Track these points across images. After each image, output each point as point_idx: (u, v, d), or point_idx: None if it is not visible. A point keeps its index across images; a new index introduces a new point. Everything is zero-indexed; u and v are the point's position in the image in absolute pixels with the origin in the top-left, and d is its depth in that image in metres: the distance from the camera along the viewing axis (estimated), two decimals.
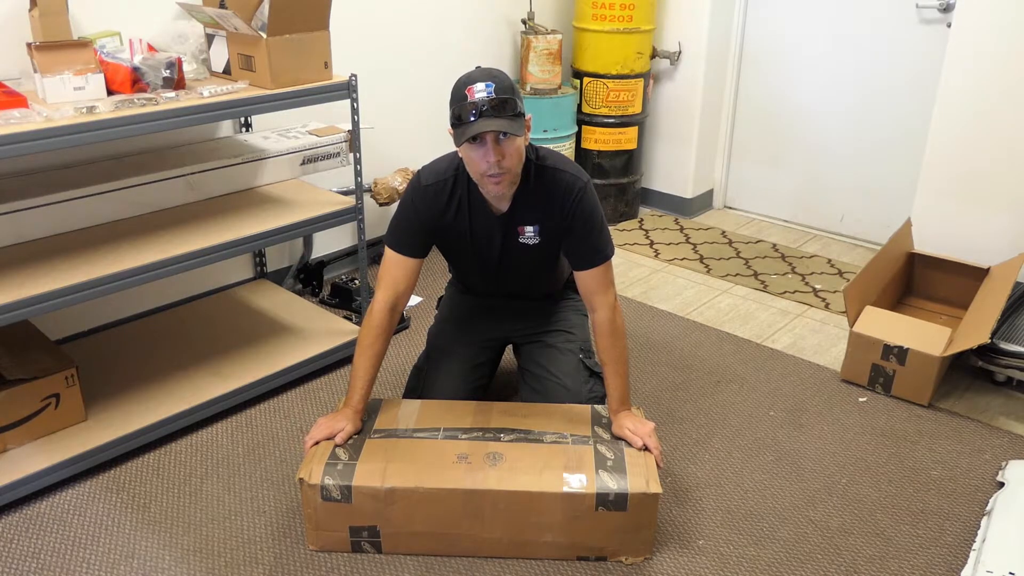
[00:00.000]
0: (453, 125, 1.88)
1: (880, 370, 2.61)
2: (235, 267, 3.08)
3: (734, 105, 4.09)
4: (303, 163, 2.79)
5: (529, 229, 2.06)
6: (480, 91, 1.82)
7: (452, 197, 2.03)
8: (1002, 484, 2.18)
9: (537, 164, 1.99)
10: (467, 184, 2.01)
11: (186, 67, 2.33)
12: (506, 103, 1.83)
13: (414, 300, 3.19)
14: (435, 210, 2.03)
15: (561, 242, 2.07)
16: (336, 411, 2.04)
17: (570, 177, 2.00)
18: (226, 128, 2.91)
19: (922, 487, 2.22)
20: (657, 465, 1.92)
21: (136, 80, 2.12)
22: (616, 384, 2.04)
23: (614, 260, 2.11)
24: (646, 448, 1.95)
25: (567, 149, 3.79)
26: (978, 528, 2.04)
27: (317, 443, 1.96)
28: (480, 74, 1.88)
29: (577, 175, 2.01)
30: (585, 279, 2.04)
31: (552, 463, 1.90)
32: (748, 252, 3.75)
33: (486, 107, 1.81)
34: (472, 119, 1.82)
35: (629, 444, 1.97)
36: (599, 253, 2.03)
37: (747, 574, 1.93)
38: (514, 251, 2.10)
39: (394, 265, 2.06)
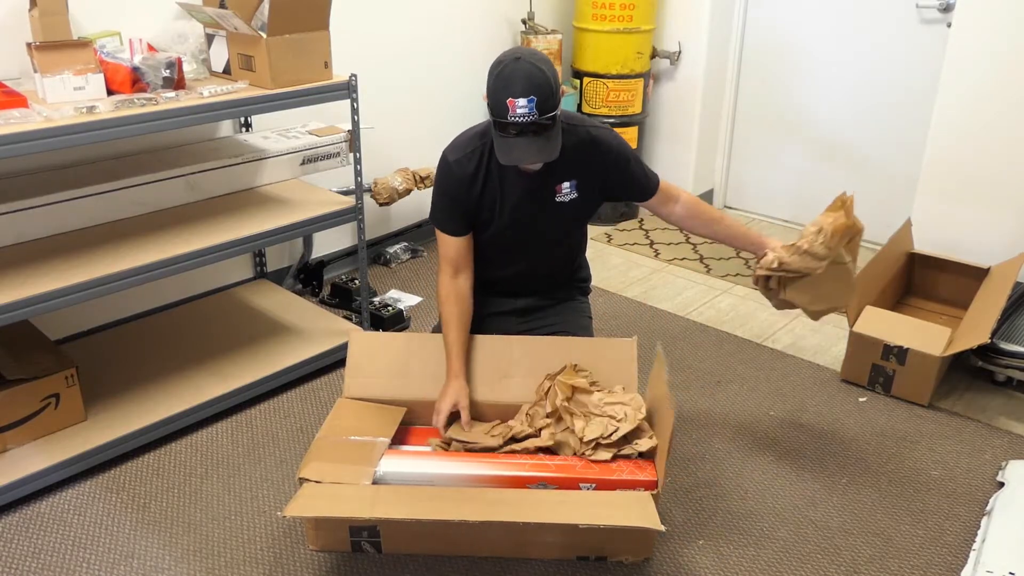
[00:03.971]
0: (492, 117, 1.91)
1: (880, 370, 2.61)
2: (235, 267, 3.08)
3: (734, 105, 4.09)
4: (303, 163, 2.79)
5: (566, 186, 2.09)
6: (521, 107, 1.83)
7: (480, 166, 2.05)
8: (1002, 484, 2.18)
9: (565, 124, 2.01)
10: (493, 151, 2.01)
11: (186, 67, 2.33)
12: (547, 124, 1.86)
13: (414, 300, 3.19)
14: (465, 183, 2.05)
15: (601, 197, 2.16)
16: (444, 387, 2.09)
17: (600, 131, 2.09)
18: (226, 128, 2.91)
19: (922, 487, 2.22)
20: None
21: (136, 80, 2.12)
22: (737, 230, 2.21)
23: (614, 261, 2.13)
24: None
25: None
26: (978, 528, 2.05)
27: (447, 421, 2.07)
28: (522, 80, 1.83)
29: (604, 127, 2.11)
30: (654, 202, 2.18)
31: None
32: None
33: (526, 129, 1.85)
34: (512, 134, 1.87)
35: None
36: (652, 179, 2.16)
37: (747, 574, 1.93)
38: (549, 211, 2.12)
39: (445, 244, 2.14)
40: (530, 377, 2.14)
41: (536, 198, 2.09)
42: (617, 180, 2.13)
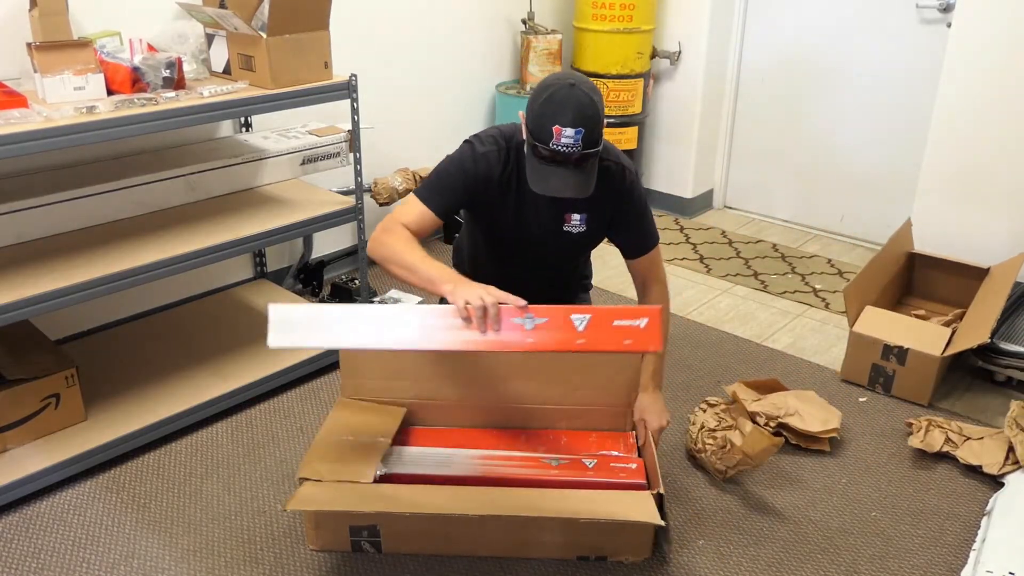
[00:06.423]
0: (530, 140, 1.80)
1: (880, 370, 2.61)
2: (235, 267, 3.08)
3: (734, 105, 4.09)
4: (303, 163, 2.79)
5: (576, 217, 2.02)
6: (568, 137, 1.72)
7: (503, 172, 1.95)
8: (1002, 484, 2.18)
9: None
10: (517, 160, 1.94)
11: (186, 67, 2.33)
12: (590, 157, 1.78)
13: (413, 300, 3.19)
14: (485, 177, 1.94)
15: (606, 231, 2.07)
16: (457, 283, 1.74)
17: (617, 167, 1.98)
18: (226, 128, 2.91)
19: (922, 487, 2.22)
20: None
21: (136, 80, 2.12)
22: (652, 359, 2.09)
23: (615, 260, 2.12)
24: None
25: None
26: (978, 528, 2.05)
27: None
28: (573, 109, 1.73)
29: (624, 164, 2.00)
30: (639, 266, 2.08)
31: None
32: (748, 252, 3.75)
33: (567, 159, 1.76)
34: (550, 162, 1.78)
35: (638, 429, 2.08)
36: (651, 238, 2.06)
37: (747, 574, 1.93)
38: (556, 237, 2.05)
39: (414, 213, 1.92)
40: (530, 381, 2.14)
41: (546, 223, 2.02)
42: (624, 224, 2.05)
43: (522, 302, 1.69)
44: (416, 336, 1.68)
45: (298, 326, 1.70)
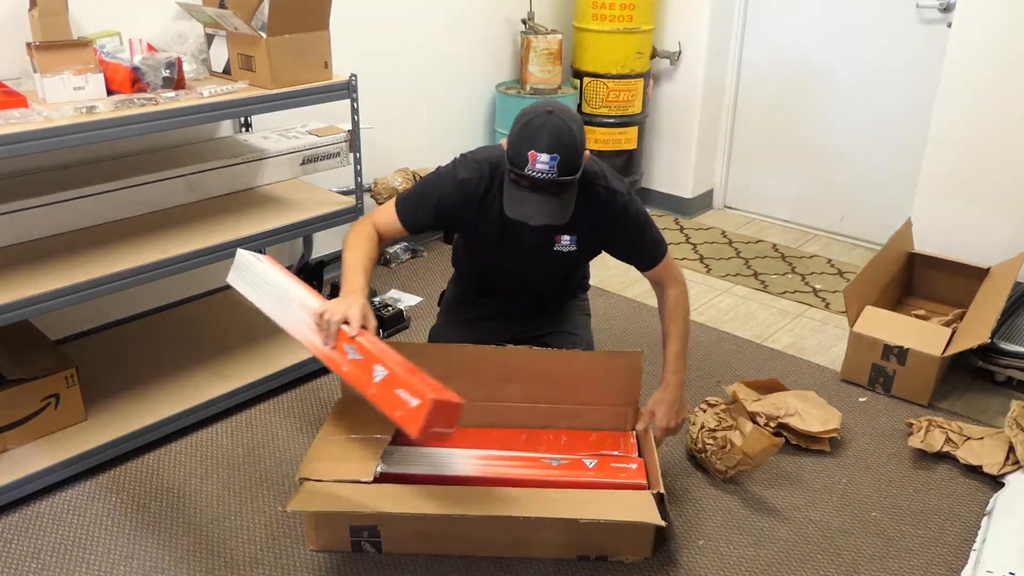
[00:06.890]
0: (508, 166, 1.81)
1: (880, 370, 2.62)
2: None
3: (734, 105, 4.09)
4: (303, 163, 2.79)
5: (566, 238, 2.03)
6: (543, 163, 1.73)
7: (484, 199, 1.97)
8: (1002, 484, 2.18)
9: (581, 180, 1.90)
10: (501, 186, 1.93)
11: (186, 67, 2.33)
12: (565, 185, 1.78)
13: (414, 300, 3.19)
14: (461, 203, 1.97)
15: (599, 249, 2.09)
16: (344, 294, 1.81)
17: (607, 192, 1.97)
18: (226, 128, 2.91)
19: (922, 487, 2.23)
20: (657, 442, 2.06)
21: (136, 80, 2.12)
22: (673, 351, 2.11)
23: (615, 261, 2.12)
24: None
25: None
26: (978, 528, 2.05)
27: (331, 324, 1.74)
28: (549, 136, 1.74)
29: (616, 187, 1.98)
30: (653, 275, 2.10)
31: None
32: (748, 252, 3.75)
33: (541, 186, 1.76)
34: (525, 187, 1.78)
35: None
36: (657, 249, 2.07)
37: (747, 574, 1.93)
38: (547, 258, 2.07)
39: (388, 220, 2.01)
40: (531, 381, 2.14)
41: (534, 244, 2.03)
42: (623, 244, 2.06)
43: (354, 332, 1.72)
44: (286, 320, 1.87)
45: (246, 276, 1.97)
